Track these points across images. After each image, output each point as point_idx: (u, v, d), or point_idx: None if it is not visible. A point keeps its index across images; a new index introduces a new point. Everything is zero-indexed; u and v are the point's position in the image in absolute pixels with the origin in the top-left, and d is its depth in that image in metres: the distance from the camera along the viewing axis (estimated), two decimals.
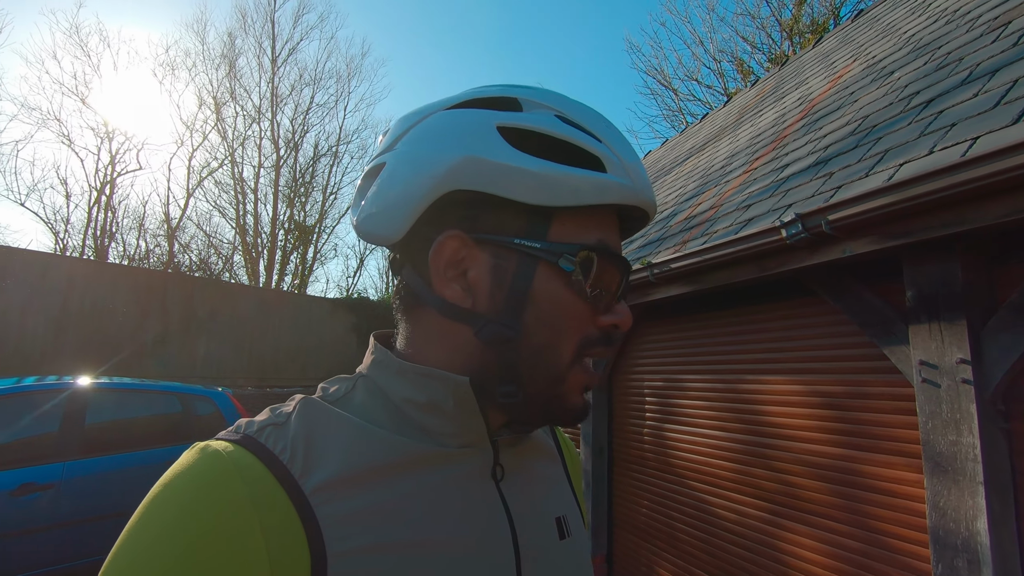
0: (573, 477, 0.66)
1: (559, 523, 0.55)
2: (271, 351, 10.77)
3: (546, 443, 0.62)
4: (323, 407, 0.47)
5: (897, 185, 1.78)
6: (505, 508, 0.50)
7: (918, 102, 2.39)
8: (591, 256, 0.47)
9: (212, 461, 0.40)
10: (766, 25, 14.71)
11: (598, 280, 0.48)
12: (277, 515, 0.39)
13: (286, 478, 0.40)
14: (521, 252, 0.47)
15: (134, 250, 12.83)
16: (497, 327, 0.47)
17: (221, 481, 0.38)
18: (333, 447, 0.44)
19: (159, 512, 0.38)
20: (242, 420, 0.46)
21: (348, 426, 0.46)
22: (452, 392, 0.47)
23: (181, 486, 0.39)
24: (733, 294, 2.90)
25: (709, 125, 6.87)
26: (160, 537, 0.36)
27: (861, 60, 3.90)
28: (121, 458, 3.98)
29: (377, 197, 0.49)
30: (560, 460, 0.64)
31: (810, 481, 2.43)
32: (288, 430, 0.44)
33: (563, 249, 0.47)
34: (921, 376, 1.87)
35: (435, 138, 0.48)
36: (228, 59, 15.68)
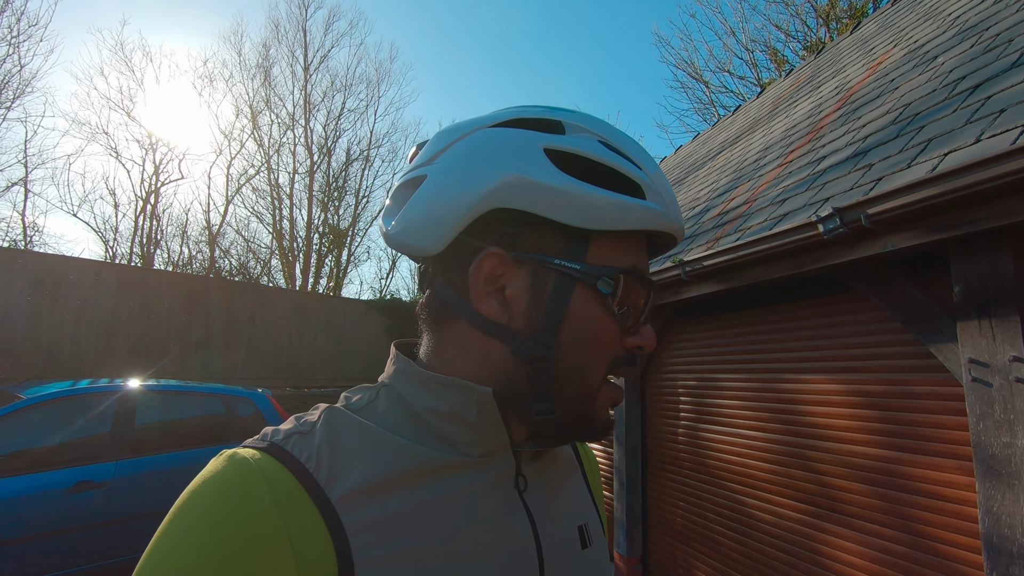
0: (592, 482, 0.66)
1: (581, 532, 0.56)
2: (308, 353, 11.03)
3: (566, 452, 0.63)
4: (347, 416, 0.48)
5: (942, 176, 1.70)
6: (529, 518, 0.50)
7: (964, 88, 2.28)
8: (625, 279, 0.48)
9: (240, 468, 0.40)
10: (801, 12, 14.27)
11: (628, 302, 0.49)
12: (304, 522, 0.39)
13: (312, 486, 0.41)
14: (560, 272, 0.48)
15: (178, 256, 13.35)
16: (534, 345, 0.47)
17: (249, 488, 0.39)
18: (357, 456, 0.44)
19: (188, 519, 0.38)
20: (267, 428, 0.47)
21: (371, 435, 0.46)
22: (475, 402, 0.47)
23: (210, 493, 0.39)
24: (768, 291, 2.83)
25: (742, 117, 6.71)
26: (190, 543, 0.37)
27: (902, 45, 3.75)
28: (168, 457, 4.14)
29: (416, 209, 0.49)
30: (579, 468, 0.65)
31: (852, 483, 2.35)
32: (313, 439, 0.44)
33: (601, 271, 0.48)
34: (971, 375, 1.79)
35: (481, 155, 0.48)
36: (263, 68, 16.14)
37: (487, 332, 0.49)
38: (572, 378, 0.48)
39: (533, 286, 0.48)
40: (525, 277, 0.48)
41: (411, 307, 13.44)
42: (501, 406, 0.48)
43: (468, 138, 0.49)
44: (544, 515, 0.52)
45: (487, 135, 0.49)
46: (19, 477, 3.49)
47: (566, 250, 0.48)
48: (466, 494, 0.47)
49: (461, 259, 0.49)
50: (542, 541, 0.50)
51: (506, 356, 0.48)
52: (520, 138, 0.48)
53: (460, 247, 0.49)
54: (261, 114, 15.85)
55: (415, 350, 0.57)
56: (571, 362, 0.48)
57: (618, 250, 0.49)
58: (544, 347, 0.47)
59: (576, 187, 0.46)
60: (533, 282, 0.48)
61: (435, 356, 0.52)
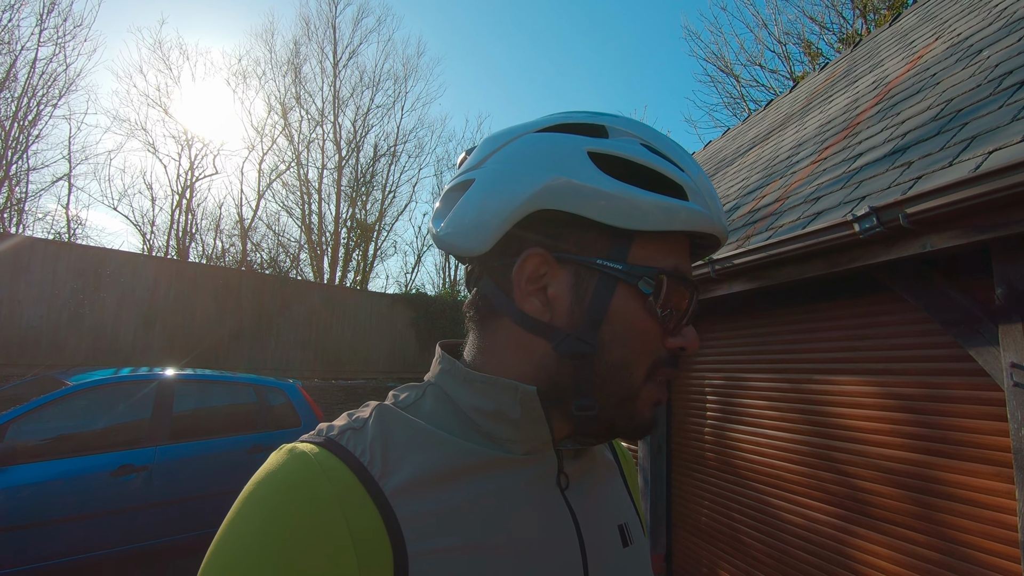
0: (630, 482, 0.68)
1: (622, 531, 0.57)
2: (335, 344, 11.24)
3: (604, 453, 0.64)
4: (397, 413, 0.50)
5: (986, 175, 1.66)
6: (572, 515, 0.52)
7: (1010, 83, 2.21)
8: (667, 280, 0.49)
9: (300, 462, 0.42)
10: (836, 3, 13.87)
11: (671, 303, 0.50)
12: (361, 513, 0.41)
13: (368, 479, 0.43)
14: (602, 272, 0.49)
15: (211, 250, 13.73)
16: (575, 342, 0.49)
17: (310, 481, 0.41)
18: (408, 451, 0.46)
19: (253, 510, 0.40)
20: (322, 424, 0.49)
21: (420, 431, 0.48)
22: (519, 400, 0.49)
23: (273, 485, 0.41)
24: (799, 290, 2.79)
25: (774, 112, 6.58)
26: (255, 533, 0.39)
27: (944, 38, 3.63)
28: (204, 444, 4.30)
29: (465, 211, 0.51)
30: (618, 469, 0.66)
31: (884, 487, 2.31)
32: (366, 434, 0.46)
33: (642, 272, 0.49)
34: (1013, 379, 1.74)
35: (526, 159, 0.49)
36: (294, 66, 16.42)
37: (530, 329, 0.50)
38: (613, 376, 0.49)
39: (575, 285, 0.49)
40: (568, 276, 0.50)
41: (435, 301, 13.58)
42: (544, 403, 0.49)
43: (514, 143, 0.51)
44: (585, 513, 0.53)
45: (532, 140, 0.51)
46: (67, 460, 3.66)
47: (608, 250, 0.49)
48: (511, 491, 0.48)
49: (506, 259, 0.51)
50: (585, 538, 0.51)
51: (549, 353, 0.50)
52: (564, 142, 0.49)
53: (506, 248, 0.50)
54: (292, 110, 16.15)
55: (460, 350, 0.59)
56: (612, 360, 0.49)
57: (660, 251, 0.50)
58: (585, 344, 0.49)
59: (619, 189, 0.47)
60: (575, 281, 0.49)
61: (480, 354, 0.54)
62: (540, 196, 0.48)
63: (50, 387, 4.01)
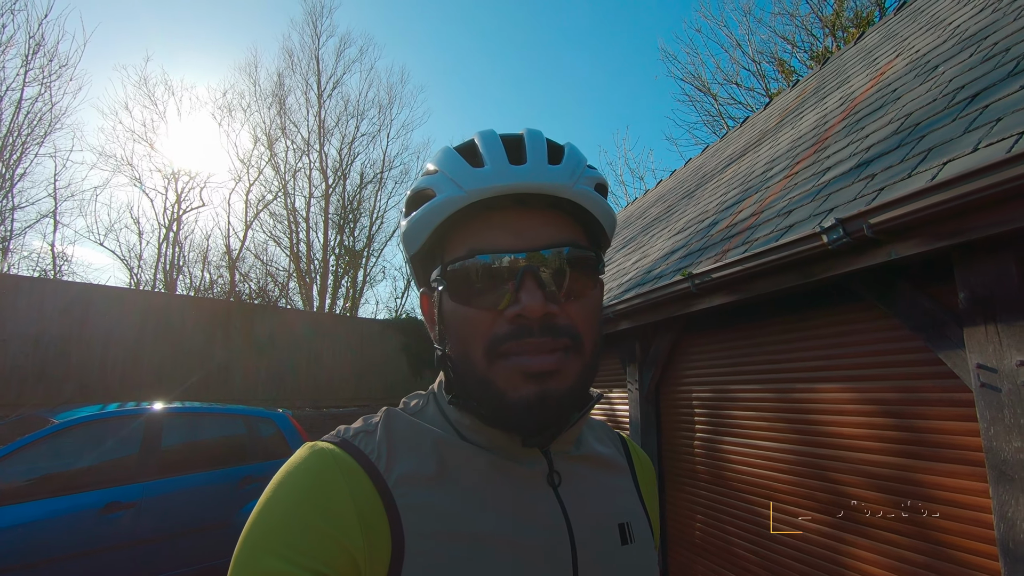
0: (645, 490, 0.70)
1: (622, 529, 0.60)
2: (326, 373, 11.16)
3: (611, 456, 0.68)
4: (403, 417, 0.58)
5: (940, 185, 1.74)
6: (563, 511, 0.56)
7: (963, 97, 2.32)
8: (450, 269, 0.54)
9: (319, 456, 0.51)
10: (807, 22, 14.34)
11: (475, 282, 0.53)
12: (367, 499, 0.48)
13: (374, 472, 0.50)
14: (433, 289, 0.58)
15: (199, 281, 13.66)
16: (437, 351, 0.59)
17: (326, 471, 0.49)
18: (411, 449, 0.54)
19: (282, 492, 0.49)
20: (341, 427, 0.57)
21: (422, 432, 0.56)
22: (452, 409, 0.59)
23: (298, 473, 0.50)
24: (780, 302, 2.86)
25: (749, 129, 6.76)
26: (281, 507, 0.47)
27: (905, 55, 3.79)
28: (193, 478, 4.24)
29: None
30: (630, 473, 0.69)
31: (868, 492, 2.35)
32: (375, 435, 0.54)
33: (439, 272, 0.56)
34: (980, 380, 1.80)
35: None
36: (278, 98, 16.60)
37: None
38: (463, 368, 0.55)
39: (431, 309, 0.61)
40: (430, 304, 0.61)
41: (425, 326, 13.50)
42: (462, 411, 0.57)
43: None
44: (579, 509, 0.57)
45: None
46: (53, 499, 3.60)
47: (432, 270, 0.58)
48: (503, 486, 0.54)
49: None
50: (575, 532, 0.55)
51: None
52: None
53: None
54: (277, 141, 16.28)
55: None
56: (455, 354, 0.55)
57: (456, 245, 0.55)
58: (439, 349, 0.58)
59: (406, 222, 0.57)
60: (431, 305, 0.60)
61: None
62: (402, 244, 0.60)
63: (35, 426, 3.96)
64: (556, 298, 0.52)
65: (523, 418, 0.51)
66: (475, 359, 0.53)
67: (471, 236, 0.54)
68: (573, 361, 0.53)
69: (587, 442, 0.66)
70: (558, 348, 0.52)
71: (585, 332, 0.54)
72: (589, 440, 0.67)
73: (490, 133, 0.57)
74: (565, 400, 0.52)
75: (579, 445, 0.64)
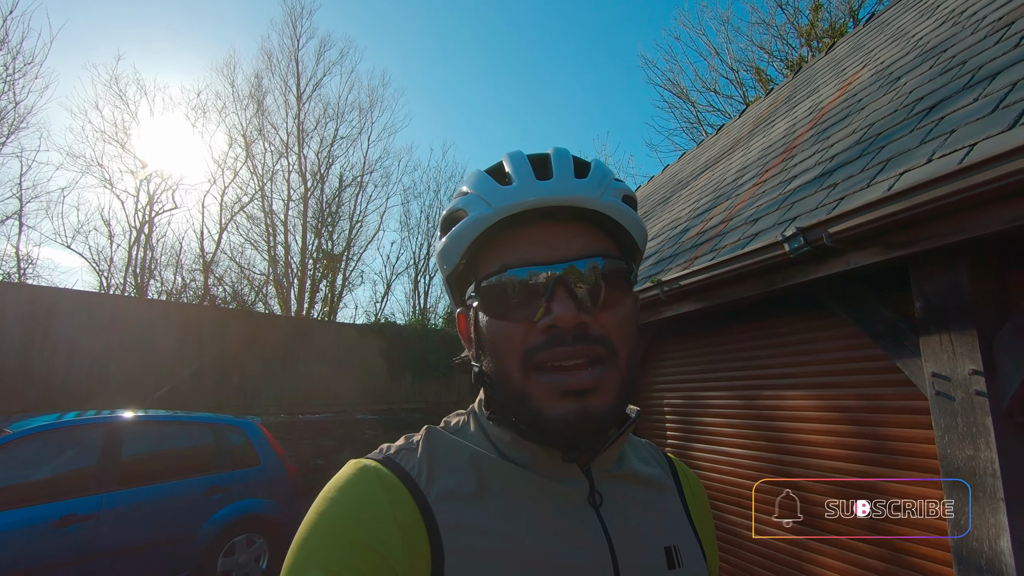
0: (695, 513, 0.67)
1: (668, 552, 0.58)
2: (303, 379, 10.98)
3: (656, 476, 0.66)
4: (443, 436, 0.59)
5: (896, 195, 1.76)
6: (605, 532, 0.55)
7: (921, 108, 2.36)
8: (484, 284, 0.55)
9: (364, 472, 0.53)
10: (783, 32, 14.60)
11: (509, 296, 0.54)
12: (408, 514, 0.49)
13: (415, 489, 0.52)
14: (470, 306, 0.59)
15: (172, 285, 13.34)
16: (475, 367, 0.59)
17: (370, 487, 0.51)
18: (451, 467, 0.54)
19: (328, 507, 0.50)
20: (384, 444, 0.59)
21: (463, 451, 0.56)
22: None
23: (343, 489, 0.51)
24: (748, 309, 2.87)
25: (724, 137, 6.84)
26: (329, 525, 0.49)
27: (870, 66, 3.86)
28: (156, 488, 4.12)
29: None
30: (677, 494, 0.67)
31: (833, 499, 2.36)
32: (416, 453, 0.56)
33: (474, 289, 0.57)
34: (935, 389, 1.82)
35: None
36: (256, 99, 16.36)
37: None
38: (500, 383, 0.55)
39: (468, 326, 0.60)
40: (467, 321, 0.61)
41: (405, 330, 13.43)
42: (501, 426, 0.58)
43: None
44: (622, 531, 0.56)
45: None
46: (4, 512, 3.46)
47: (468, 288, 0.59)
48: (543, 507, 0.54)
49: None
50: (618, 554, 0.54)
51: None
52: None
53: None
54: (254, 143, 16.03)
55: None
56: (491, 370, 0.56)
57: (488, 262, 0.57)
58: (475, 366, 0.58)
59: (440, 244, 0.59)
60: (468, 323, 0.60)
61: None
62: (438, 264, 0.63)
63: None
64: (589, 308, 0.53)
65: (562, 434, 0.52)
66: (511, 373, 0.53)
67: (503, 252, 0.55)
68: (611, 375, 0.52)
69: (629, 461, 0.64)
70: (592, 358, 0.52)
71: (619, 342, 0.54)
72: (632, 459, 0.65)
73: (517, 153, 0.58)
74: (608, 417, 0.52)
75: (620, 464, 0.63)
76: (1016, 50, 2.10)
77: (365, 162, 18.10)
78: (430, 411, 11.75)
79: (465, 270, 0.59)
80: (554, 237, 0.55)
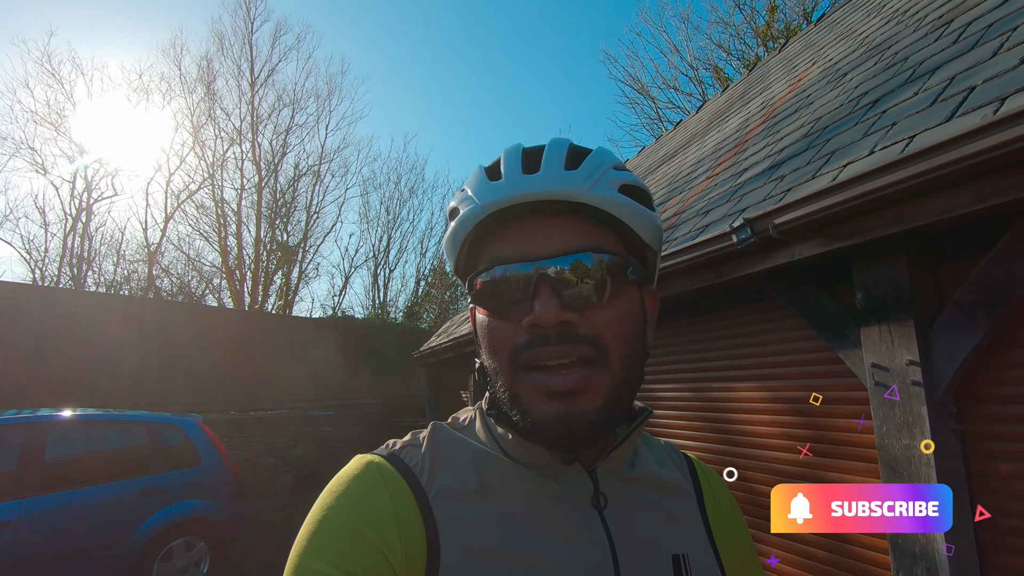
0: (715, 521, 0.63)
1: (677, 561, 0.55)
2: (254, 374, 10.61)
3: (672, 480, 0.62)
4: (449, 432, 0.59)
5: (839, 186, 1.75)
6: (608, 536, 0.53)
7: (866, 102, 2.39)
8: (478, 279, 0.55)
9: (367, 467, 0.53)
10: (741, 31, 14.91)
11: (498, 293, 0.53)
12: (407, 510, 0.50)
13: (415, 484, 0.52)
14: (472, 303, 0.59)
15: (111, 277, 12.64)
16: (476, 363, 0.59)
17: (371, 481, 0.52)
18: (453, 464, 0.54)
19: (330, 499, 0.51)
20: (391, 440, 0.59)
21: (467, 449, 0.56)
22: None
23: (345, 482, 0.52)
24: (699, 301, 2.87)
25: (682, 132, 6.91)
26: (328, 517, 0.49)
27: (820, 63, 3.93)
28: (85, 492, 3.86)
29: None
30: (696, 499, 0.63)
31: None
32: (420, 449, 0.56)
33: (468, 286, 0.57)
34: (874, 379, 1.83)
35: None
36: (205, 82, 15.66)
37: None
38: (495, 380, 0.54)
39: (474, 320, 0.59)
40: (473, 317, 0.59)
41: (363, 324, 13.15)
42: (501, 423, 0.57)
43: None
44: (626, 535, 0.54)
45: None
46: None
47: (467, 283, 0.58)
48: (545, 506, 0.53)
49: None
50: (620, 560, 0.52)
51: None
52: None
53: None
54: (203, 128, 15.36)
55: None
56: (489, 364, 0.55)
57: (481, 259, 0.56)
58: (477, 361, 0.58)
59: (443, 238, 0.59)
60: (474, 318, 0.59)
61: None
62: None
63: None
64: (577, 306, 0.51)
65: (548, 436, 0.51)
66: (503, 370, 0.53)
67: (493, 248, 0.55)
68: (600, 376, 0.51)
69: (644, 463, 0.62)
70: (580, 359, 0.50)
71: (612, 342, 0.52)
72: (647, 461, 0.63)
73: (514, 147, 0.57)
74: (592, 420, 0.50)
75: (632, 466, 0.60)
76: (954, 46, 2.14)
77: (323, 152, 17.64)
78: (388, 407, 11.55)
79: (465, 266, 0.59)
80: (541, 232, 0.53)
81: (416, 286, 18.27)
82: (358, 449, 0.63)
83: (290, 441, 8.91)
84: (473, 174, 0.57)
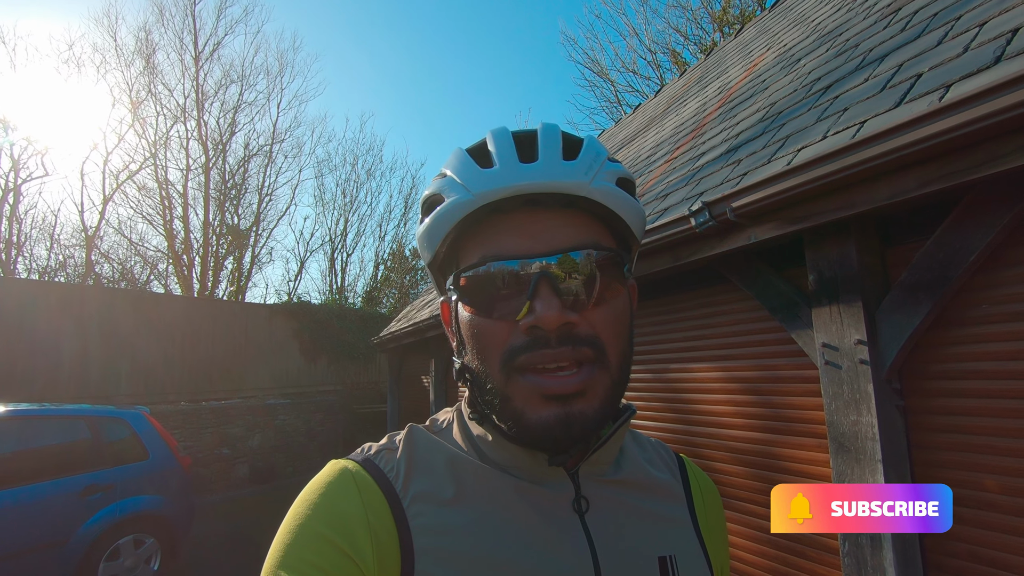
0: (703, 522, 0.61)
1: (664, 563, 0.53)
2: (204, 363, 10.21)
3: (662, 481, 0.60)
4: (425, 436, 0.56)
5: (793, 170, 1.78)
6: (589, 541, 0.51)
7: (818, 88, 2.43)
8: (463, 276, 0.51)
9: (341, 473, 0.51)
10: (697, 16, 15.07)
11: (490, 291, 0.49)
12: (379, 517, 0.48)
13: (389, 491, 0.50)
14: (450, 297, 0.55)
15: (45, 263, 11.87)
16: (456, 362, 0.55)
17: (344, 489, 0.50)
18: (429, 469, 0.52)
19: (301, 507, 0.49)
20: (366, 444, 0.56)
21: (443, 453, 0.54)
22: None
23: (318, 490, 0.50)
24: (658, 283, 2.90)
25: (640, 116, 6.95)
26: (299, 524, 0.48)
27: (774, 49, 3.99)
28: (17, 492, 3.63)
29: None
30: (684, 500, 0.61)
31: (735, 467, 2.45)
32: (396, 454, 0.54)
33: (453, 281, 0.52)
34: (824, 358, 1.89)
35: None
36: (144, 55, 14.73)
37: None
38: (481, 382, 0.51)
39: (451, 316, 0.55)
40: (450, 313, 0.55)
41: (320, 310, 12.82)
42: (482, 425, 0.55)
43: None
44: (608, 540, 0.52)
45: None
46: None
47: (447, 278, 0.55)
48: (523, 512, 0.51)
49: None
50: (602, 566, 0.50)
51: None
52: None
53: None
54: (143, 105, 14.49)
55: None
56: (474, 366, 0.52)
57: (468, 254, 0.52)
58: (457, 360, 0.55)
59: (419, 229, 0.55)
60: (451, 313, 0.55)
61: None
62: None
63: None
64: (576, 305, 0.49)
65: (545, 439, 0.49)
66: (492, 373, 0.50)
67: (484, 242, 0.51)
68: (600, 378, 0.49)
69: (630, 463, 0.59)
70: (580, 361, 0.48)
71: (609, 341, 0.50)
72: (635, 461, 0.60)
73: (502, 130, 0.53)
74: (592, 423, 0.49)
75: (618, 467, 0.58)
76: (902, 34, 2.19)
77: (274, 131, 16.94)
78: (347, 393, 11.36)
79: (446, 258, 0.55)
80: (540, 226, 0.50)
81: (375, 270, 17.96)
82: (318, 437, 0.60)
83: (246, 431, 8.66)
84: (456, 158, 0.53)
